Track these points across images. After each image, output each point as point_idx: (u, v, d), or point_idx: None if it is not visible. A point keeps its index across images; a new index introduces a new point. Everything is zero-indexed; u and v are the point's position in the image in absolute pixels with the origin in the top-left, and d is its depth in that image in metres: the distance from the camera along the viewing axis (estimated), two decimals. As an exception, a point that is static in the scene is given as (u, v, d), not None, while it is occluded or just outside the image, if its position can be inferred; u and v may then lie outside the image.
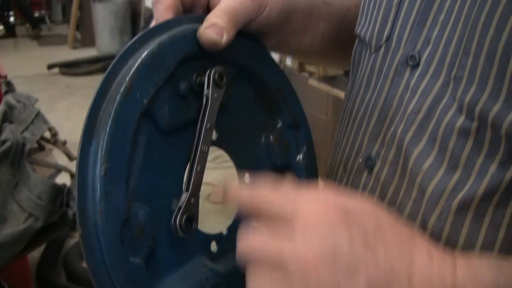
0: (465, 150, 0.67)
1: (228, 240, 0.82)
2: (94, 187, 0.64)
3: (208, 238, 0.79)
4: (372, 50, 0.83)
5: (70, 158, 2.30)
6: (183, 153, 0.76)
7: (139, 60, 0.68)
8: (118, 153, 0.66)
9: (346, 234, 0.59)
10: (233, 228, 0.83)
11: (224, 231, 0.82)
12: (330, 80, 2.74)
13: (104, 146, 0.64)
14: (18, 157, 1.83)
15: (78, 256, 3.24)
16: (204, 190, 0.75)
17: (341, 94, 2.68)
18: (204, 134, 0.74)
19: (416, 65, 0.74)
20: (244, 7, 0.78)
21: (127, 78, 0.67)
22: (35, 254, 3.20)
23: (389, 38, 0.80)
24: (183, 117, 0.74)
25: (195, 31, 0.74)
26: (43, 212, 1.76)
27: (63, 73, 7.30)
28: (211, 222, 2.94)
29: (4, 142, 1.83)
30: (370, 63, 0.83)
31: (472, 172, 0.67)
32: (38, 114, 2.12)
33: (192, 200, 0.73)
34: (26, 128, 2.02)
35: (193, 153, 0.74)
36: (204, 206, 0.72)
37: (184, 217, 0.72)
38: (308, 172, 0.91)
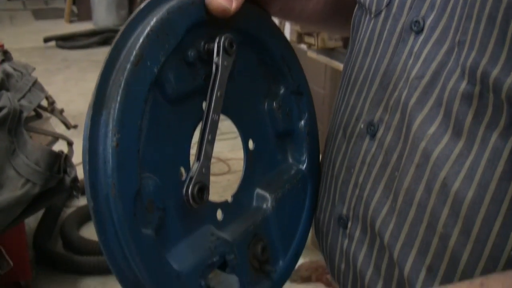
0: (468, 115, 0.67)
1: (233, 207, 0.83)
2: (106, 158, 0.63)
3: (214, 206, 0.80)
4: (372, 15, 0.83)
5: (68, 126, 2.31)
6: (190, 122, 0.76)
7: (149, 28, 0.67)
8: (130, 123, 0.65)
9: None
10: (238, 196, 0.84)
11: (229, 199, 0.83)
12: (328, 52, 2.73)
13: (115, 117, 0.64)
14: (15, 124, 1.84)
15: (75, 225, 3.25)
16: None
17: (340, 66, 2.67)
18: (215, 103, 0.74)
19: (420, 31, 0.74)
20: None
21: (137, 46, 0.66)
22: (32, 224, 3.21)
23: (390, 3, 0.80)
24: (190, 85, 0.74)
25: None
26: (40, 178, 1.77)
27: (59, 47, 7.24)
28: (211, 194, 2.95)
29: (1, 109, 1.83)
30: (370, 28, 0.83)
31: (476, 139, 0.67)
32: (35, 83, 2.12)
33: (203, 169, 0.73)
34: (23, 96, 2.02)
35: (203, 122, 0.74)
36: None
37: (196, 187, 0.72)
38: (310, 138, 0.92)
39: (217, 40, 0.74)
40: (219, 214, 0.80)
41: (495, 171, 0.66)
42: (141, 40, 0.66)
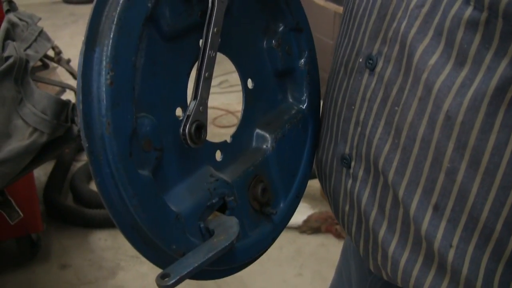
0: (473, 43, 0.65)
1: (232, 148, 0.81)
2: (100, 97, 0.61)
3: (213, 147, 0.78)
4: None
5: (75, 76, 2.28)
6: (186, 59, 0.74)
7: None
8: (124, 60, 0.63)
9: None
10: (237, 136, 0.82)
11: (229, 139, 0.81)
12: (336, -2, 2.69)
13: (108, 54, 0.62)
14: (22, 74, 1.82)
15: (84, 178, 3.26)
16: (210, 114, 0.73)
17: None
18: (211, 39, 0.72)
19: None
20: None
21: None
22: (42, 178, 3.22)
23: None
24: (186, 21, 0.72)
25: None
26: (48, 126, 1.75)
27: (66, 1, 7.22)
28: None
29: (7, 58, 1.81)
30: None
31: (481, 67, 0.65)
32: (41, 32, 2.09)
33: (200, 108, 0.72)
34: (29, 46, 1.99)
35: (200, 59, 0.72)
36: (210, 130, 0.71)
37: (193, 126, 0.71)
38: (310, 78, 0.90)
39: None
40: (218, 155, 0.79)
41: (504, 99, 0.64)
42: None
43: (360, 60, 0.79)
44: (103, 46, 0.62)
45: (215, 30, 0.72)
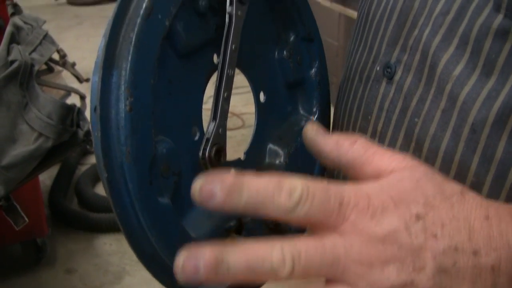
0: (502, 53, 0.62)
1: (246, 165, 0.79)
2: (119, 124, 0.58)
3: (228, 165, 0.75)
4: None
5: (80, 80, 2.27)
6: (201, 76, 0.71)
7: None
8: (143, 84, 0.60)
9: (404, 222, 0.53)
10: (250, 153, 0.80)
11: (242, 157, 0.79)
12: (342, -1, 2.68)
13: (127, 78, 0.59)
14: (27, 78, 1.81)
15: (89, 182, 3.26)
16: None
17: (354, 14, 2.62)
18: (230, 57, 0.69)
19: None
20: None
21: None
22: (47, 182, 3.22)
23: None
24: (201, 37, 0.69)
25: None
26: (53, 131, 1.74)
27: (70, 3, 7.23)
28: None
29: (12, 62, 1.80)
30: None
31: (509, 78, 0.62)
32: (46, 36, 2.08)
33: (220, 130, 0.69)
34: (34, 49, 1.99)
35: (218, 79, 0.69)
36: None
37: (213, 150, 0.68)
38: (321, 88, 0.88)
39: None
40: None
41: None
42: None
43: (378, 68, 0.76)
44: (121, 70, 0.59)
45: (233, 47, 0.69)
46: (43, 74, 2.10)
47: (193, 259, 0.49)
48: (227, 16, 0.69)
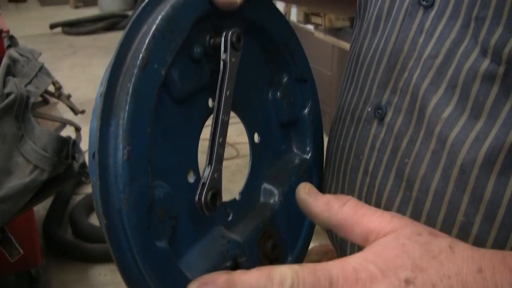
0: (489, 96, 0.63)
1: (241, 205, 0.79)
2: (117, 172, 0.59)
3: (224, 206, 0.76)
4: None
5: (75, 112, 2.28)
6: (196, 121, 0.72)
7: (154, 27, 0.63)
8: (140, 133, 0.61)
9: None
10: (245, 192, 0.81)
11: (237, 197, 0.80)
12: (336, 32, 2.71)
13: (125, 127, 0.59)
14: (23, 110, 1.81)
15: (84, 212, 3.25)
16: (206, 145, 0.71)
17: (347, 46, 2.66)
18: (224, 103, 0.70)
19: (431, 6, 0.70)
20: None
21: (143, 49, 0.62)
22: (41, 211, 3.21)
23: None
24: (196, 83, 0.70)
25: None
26: (48, 164, 1.74)
27: (65, 33, 7.26)
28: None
29: (8, 95, 1.81)
30: (378, 5, 0.79)
31: (497, 121, 0.63)
32: (42, 68, 2.09)
33: (215, 175, 0.70)
34: (30, 82, 1.99)
35: (213, 125, 0.70)
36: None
37: (209, 194, 0.69)
38: (314, 127, 0.89)
39: (224, 35, 0.69)
40: (228, 214, 0.77)
41: None
42: (147, 42, 0.62)
43: (369, 109, 0.78)
44: (119, 120, 0.60)
45: (227, 93, 0.70)
46: (38, 106, 2.11)
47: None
48: (221, 63, 0.70)
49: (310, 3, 1.03)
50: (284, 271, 0.54)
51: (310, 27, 2.87)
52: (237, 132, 3.88)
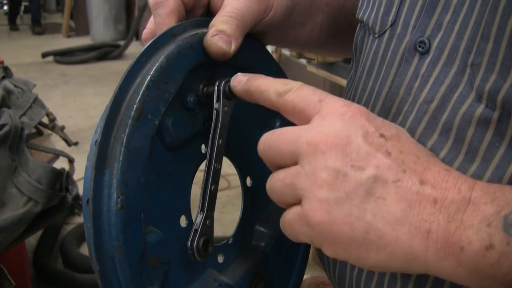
0: (484, 140, 0.65)
1: (233, 248, 0.80)
2: (111, 221, 0.60)
3: (215, 249, 0.77)
4: (376, 35, 0.79)
5: (68, 143, 2.30)
6: (189, 167, 0.73)
7: (148, 78, 0.64)
8: (133, 182, 0.62)
9: (363, 130, 0.59)
10: (237, 235, 0.81)
11: (230, 240, 0.80)
12: (328, 66, 2.74)
13: (119, 177, 0.61)
14: (17, 142, 1.82)
15: (74, 242, 3.23)
16: (200, 178, 0.71)
17: (340, 80, 2.68)
18: (217, 151, 0.71)
19: (426, 52, 0.71)
20: (251, 10, 0.74)
21: (137, 100, 0.62)
22: (32, 241, 3.19)
23: (394, 22, 0.76)
24: (189, 130, 0.71)
25: (200, 39, 0.70)
26: (42, 196, 1.75)
27: (57, 62, 7.25)
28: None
29: (2, 126, 1.82)
30: (374, 49, 0.80)
31: (490, 165, 0.64)
32: (36, 99, 2.11)
33: (207, 222, 0.70)
34: (24, 113, 2.01)
35: (205, 173, 0.71)
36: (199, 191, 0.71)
37: (201, 241, 0.70)
38: None
39: (216, 84, 0.70)
40: (220, 257, 0.78)
41: None
42: (141, 93, 0.63)
43: None
44: (113, 170, 0.61)
45: (220, 142, 0.70)
46: (32, 137, 2.12)
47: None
48: (214, 112, 0.71)
49: (302, 48, 1.04)
50: (294, 82, 0.63)
51: (303, 61, 2.91)
52: (228, 163, 3.87)
